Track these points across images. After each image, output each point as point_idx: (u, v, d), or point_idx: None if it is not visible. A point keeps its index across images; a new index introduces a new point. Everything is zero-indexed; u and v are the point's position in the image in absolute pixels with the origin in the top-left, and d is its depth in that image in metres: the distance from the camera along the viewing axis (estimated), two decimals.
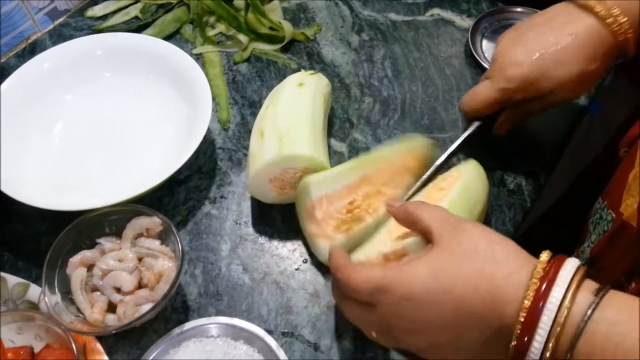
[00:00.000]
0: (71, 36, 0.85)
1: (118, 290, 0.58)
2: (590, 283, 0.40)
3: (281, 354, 0.55)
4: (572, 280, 0.40)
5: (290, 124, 0.64)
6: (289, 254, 0.64)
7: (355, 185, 0.62)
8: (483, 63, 0.80)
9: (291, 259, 0.64)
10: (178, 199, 0.69)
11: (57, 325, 0.53)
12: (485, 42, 0.84)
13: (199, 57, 0.82)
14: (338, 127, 0.75)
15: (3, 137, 0.68)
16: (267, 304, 0.61)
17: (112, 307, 0.57)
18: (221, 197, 0.69)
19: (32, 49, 0.84)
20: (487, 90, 0.64)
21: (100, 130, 0.74)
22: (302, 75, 0.71)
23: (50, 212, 0.61)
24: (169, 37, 0.84)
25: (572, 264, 0.41)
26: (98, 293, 0.58)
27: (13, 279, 0.59)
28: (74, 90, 0.76)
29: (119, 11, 0.88)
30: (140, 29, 0.85)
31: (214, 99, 0.76)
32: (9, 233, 0.66)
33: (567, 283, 0.39)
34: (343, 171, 0.62)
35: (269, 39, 0.84)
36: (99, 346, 0.56)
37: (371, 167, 0.63)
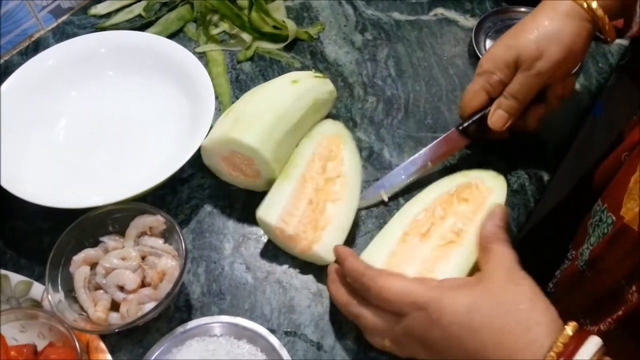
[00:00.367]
0: (74, 34, 0.84)
1: (121, 288, 0.58)
2: None
3: (284, 353, 0.55)
4: None
5: (256, 113, 0.64)
6: (291, 253, 0.64)
7: (301, 186, 0.63)
8: None
9: (294, 258, 0.64)
10: (181, 198, 0.69)
11: (60, 324, 0.53)
12: (488, 42, 0.83)
13: (202, 56, 0.82)
14: None
15: (6, 135, 0.68)
16: (270, 303, 0.61)
17: (115, 306, 0.57)
18: (224, 196, 0.69)
19: (36, 46, 0.84)
20: (471, 83, 0.66)
21: (103, 128, 0.74)
22: (303, 74, 0.70)
23: (53, 209, 0.61)
24: (172, 36, 0.84)
25: (593, 344, 0.42)
26: (101, 291, 0.58)
27: (16, 277, 0.59)
28: (77, 88, 0.76)
29: (123, 9, 0.88)
30: (143, 27, 0.85)
31: (217, 97, 0.76)
32: (11, 231, 0.66)
33: None
34: (280, 184, 0.63)
35: (273, 38, 0.84)
36: (102, 344, 0.56)
37: (301, 165, 0.64)
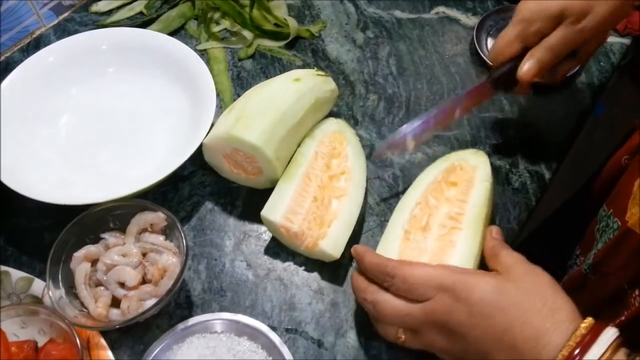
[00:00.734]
0: (75, 31, 0.84)
1: (122, 285, 0.58)
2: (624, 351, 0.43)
3: (285, 350, 0.55)
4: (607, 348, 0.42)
5: (257, 110, 0.63)
6: (292, 251, 0.64)
7: (304, 184, 0.63)
8: (488, 61, 0.79)
9: (295, 256, 0.64)
10: (182, 195, 0.69)
11: (61, 320, 0.53)
12: (490, 40, 0.83)
13: (203, 53, 0.82)
14: None
15: (7, 131, 0.68)
16: (271, 300, 0.61)
17: (116, 302, 0.57)
18: (225, 193, 0.69)
19: (37, 43, 0.84)
20: (507, 29, 0.64)
21: (104, 125, 0.74)
22: (305, 73, 0.70)
23: (54, 206, 0.61)
24: (173, 33, 0.84)
25: (611, 333, 0.43)
26: (102, 288, 0.58)
27: (17, 273, 0.59)
28: (78, 85, 0.75)
29: (124, 7, 0.88)
30: (144, 24, 0.85)
31: (218, 95, 0.76)
32: (12, 227, 0.66)
33: (603, 349, 0.42)
34: (284, 184, 0.63)
35: (274, 36, 0.84)
36: (102, 341, 0.56)
37: (303, 164, 0.64)
